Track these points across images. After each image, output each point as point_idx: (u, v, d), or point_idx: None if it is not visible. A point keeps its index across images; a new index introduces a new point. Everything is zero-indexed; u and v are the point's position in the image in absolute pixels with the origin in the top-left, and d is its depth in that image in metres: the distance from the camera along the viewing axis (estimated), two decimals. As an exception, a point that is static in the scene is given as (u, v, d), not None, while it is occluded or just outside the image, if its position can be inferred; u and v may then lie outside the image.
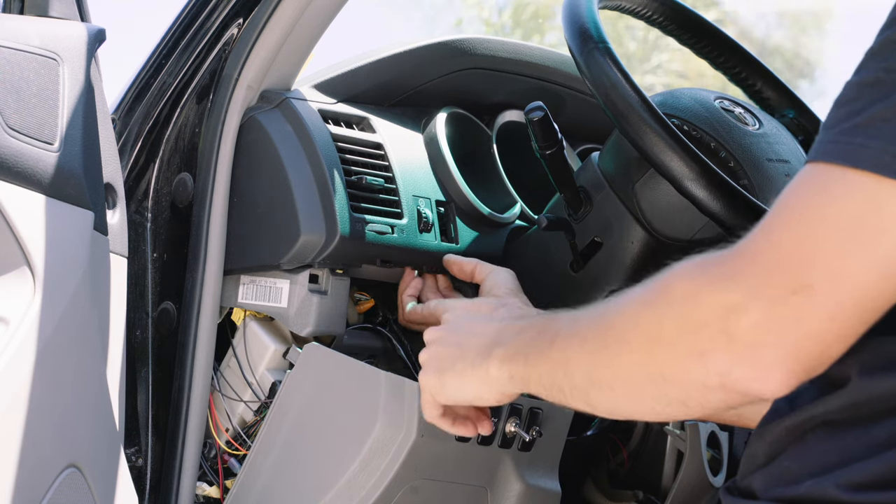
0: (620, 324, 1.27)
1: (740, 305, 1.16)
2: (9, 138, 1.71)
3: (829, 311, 1.15)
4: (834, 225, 1.15)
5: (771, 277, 1.16)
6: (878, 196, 1.14)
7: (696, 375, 1.20)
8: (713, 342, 1.18)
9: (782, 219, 1.18)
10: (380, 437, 1.90)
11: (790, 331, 1.15)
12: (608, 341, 1.29)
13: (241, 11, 2.06)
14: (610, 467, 2.43)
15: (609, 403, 1.31)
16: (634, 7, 2.10)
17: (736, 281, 1.17)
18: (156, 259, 2.06)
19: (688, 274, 1.21)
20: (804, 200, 1.17)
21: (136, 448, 2.03)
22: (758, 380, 1.17)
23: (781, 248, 1.16)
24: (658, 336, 1.22)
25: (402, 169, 2.12)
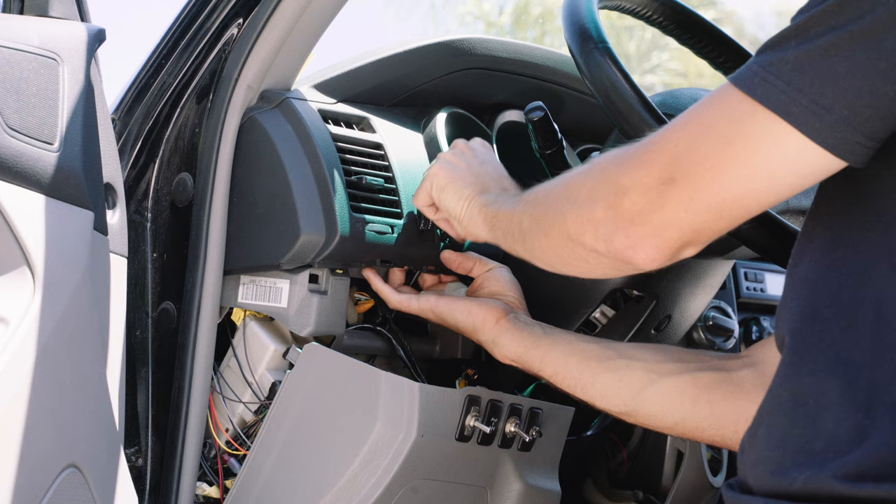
0: (557, 185, 1.57)
1: (626, 187, 1.42)
2: (9, 138, 1.71)
3: (684, 204, 1.38)
4: (701, 131, 1.36)
5: (651, 167, 1.40)
6: (738, 113, 1.34)
7: (590, 239, 1.47)
8: (604, 213, 1.44)
9: (679, 118, 1.40)
10: (380, 437, 1.90)
11: (655, 213, 1.40)
12: (547, 199, 1.59)
13: (241, 11, 2.06)
14: (610, 467, 2.43)
15: (539, 251, 1.62)
16: (634, 7, 2.10)
17: (630, 166, 1.42)
18: (156, 259, 2.06)
19: (612, 153, 1.47)
20: (698, 108, 1.39)
21: (136, 448, 2.03)
22: (631, 248, 1.43)
23: (666, 146, 1.39)
24: (574, 198, 1.50)
25: (402, 169, 2.12)
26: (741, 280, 2.64)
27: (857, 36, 1.27)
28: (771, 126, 1.31)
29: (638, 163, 1.41)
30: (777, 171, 1.32)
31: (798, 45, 1.31)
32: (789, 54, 1.31)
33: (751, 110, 1.32)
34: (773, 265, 2.70)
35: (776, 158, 1.32)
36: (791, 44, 1.31)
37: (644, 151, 1.42)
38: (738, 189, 1.35)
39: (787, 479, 1.30)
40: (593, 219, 1.46)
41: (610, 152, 1.48)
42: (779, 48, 1.32)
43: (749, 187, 1.34)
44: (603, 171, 1.46)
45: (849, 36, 1.28)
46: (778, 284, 2.69)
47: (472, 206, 1.88)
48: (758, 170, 1.33)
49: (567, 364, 1.85)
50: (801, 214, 1.95)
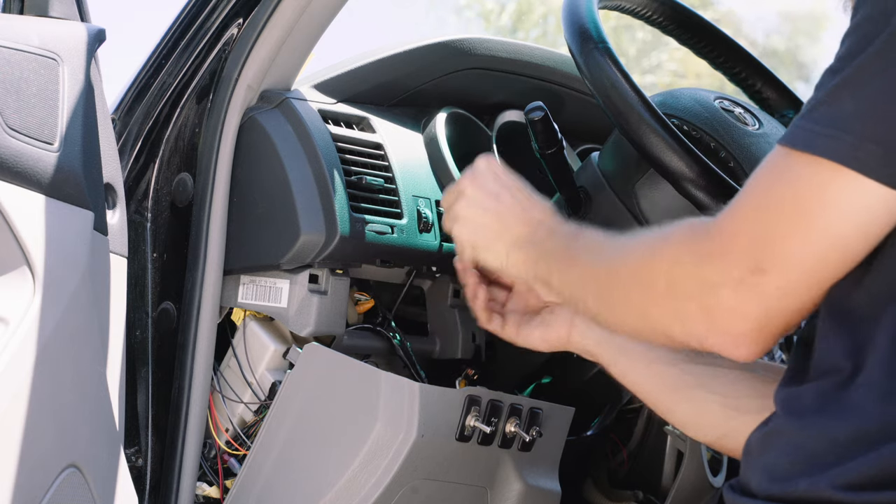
0: (624, 274, 1.44)
1: (714, 284, 1.31)
2: (9, 138, 1.71)
3: (781, 290, 1.29)
4: (779, 208, 1.28)
5: (735, 259, 1.30)
6: (809, 177, 1.26)
7: (679, 335, 1.36)
8: (691, 313, 1.34)
9: (743, 200, 1.31)
10: (380, 437, 1.90)
11: (752, 307, 1.30)
12: (612, 286, 1.46)
13: (241, 11, 2.06)
14: (610, 467, 2.43)
15: (616, 327, 1.50)
16: (634, 7, 2.10)
17: (710, 260, 1.31)
18: (156, 259, 2.06)
19: (678, 240, 1.36)
20: (761, 182, 1.31)
21: (136, 448, 2.03)
22: (729, 347, 1.33)
23: (741, 231, 1.30)
24: (651, 294, 1.38)
25: (401, 169, 2.12)
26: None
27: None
28: (849, 181, 1.24)
29: (718, 254, 1.31)
30: (865, 227, 1.26)
31: (854, 93, 1.25)
32: (848, 105, 1.25)
33: (824, 171, 1.25)
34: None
35: (862, 215, 1.25)
36: (846, 94, 1.25)
37: (719, 241, 1.31)
38: (831, 255, 1.27)
39: (790, 485, 1.29)
40: (681, 317, 1.35)
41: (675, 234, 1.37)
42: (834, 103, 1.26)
43: (841, 250, 1.27)
44: (678, 264, 1.35)
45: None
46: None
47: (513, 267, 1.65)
48: (848, 228, 1.26)
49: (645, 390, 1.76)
50: None
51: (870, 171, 1.23)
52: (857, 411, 1.27)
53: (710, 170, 1.86)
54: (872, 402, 1.27)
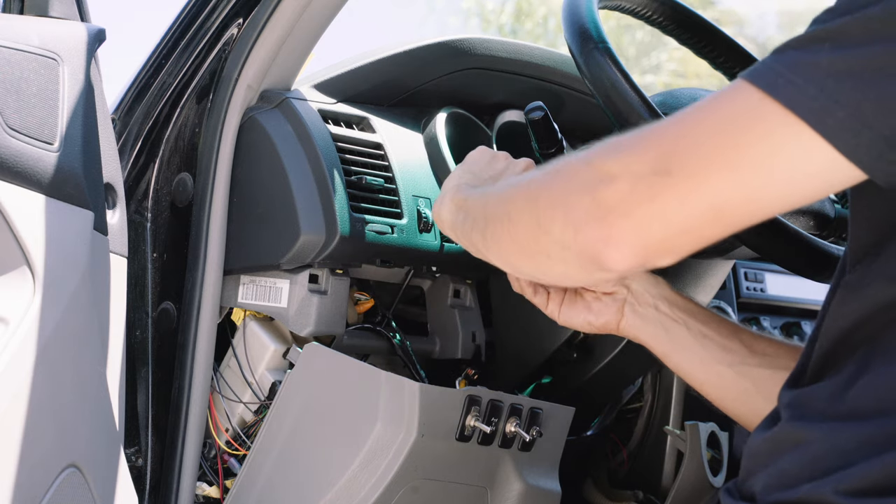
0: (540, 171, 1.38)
1: (613, 174, 1.26)
2: (9, 138, 1.71)
3: (679, 199, 1.23)
4: (713, 127, 1.23)
5: (643, 156, 1.25)
6: (759, 114, 1.21)
7: (559, 226, 1.30)
8: (580, 199, 1.28)
9: (684, 112, 1.26)
10: (380, 437, 1.90)
11: (642, 206, 1.24)
12: (522, 184, 1.40)
13: (241, 11, 2.06)
14: (610, 467, 2.44)
15: (497, 239, 1.43)
16: (634, 7, 2.10)
17: (620, 152, 1.27)
18: (156, 259, 2.06)
19: (604, 141, 1.31)
20: (709, 103, 1.25)
21: (136, 448, 2.03)
22: (603, 241, 1.26)
23: (664, 136, 1.26)
24: (550, 184, 1.33)
25: (402, 169, 2.12)
26: (741, 280, 2.64)
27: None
28: (798, 133, 1.19)
29: (629, 150, 1.27)
30: (798, 179, 1.21)
31: (834, 50, 1.19)
32: (822, 58, 1.19)
33: (774, 112, 1.20)
34: (773, 265, 2.70)
35: (800, 167, 1.20)
36: (824, 47, 1.20)
37: (638, 139, 1.27)
38: (748, 191, 1.22)
39: (793, 491, 1.27)
40: (567, 203, 1.29)
41: (602, 141, 1.33)
42: (807, 49, 1.21)
43: (762, 191, 1.22)
44: (587, 158, 1.30)
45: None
46: (778, 284, 2.69)
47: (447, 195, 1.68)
48: (776, 175, 1.21)
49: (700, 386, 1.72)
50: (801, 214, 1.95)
51: (829, 133, 1.19)
52: (862, 416, 1.26)
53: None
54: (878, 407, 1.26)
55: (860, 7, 1.20)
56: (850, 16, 1.20)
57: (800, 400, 1.32)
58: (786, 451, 1.30)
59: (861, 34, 1.19)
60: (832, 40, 1.20)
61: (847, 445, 1.26)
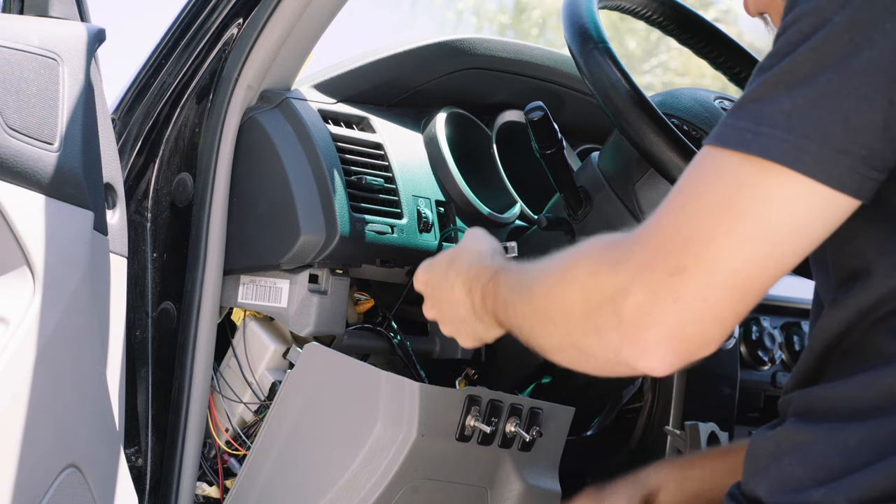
0: (540, 297, 1.37)
1: (627, 287, 1.23)
2: (9, 138, 1.71)
3: (702, 293, 1.21)
4: (704, 207, 1.21)
5: (653, 261, 1.23)
6: (740, 176, 1.21)
7: (598, 349, 1.28)
8: (607, 321, 1.25)
9: (669, 202, 1.25)
10: (380, 437, 1.90)
11: (669, 312, 1.22)
12: (536, 314, 1.38)
13: (241, 11, 2.06)
14: (610, 467, 2.43)
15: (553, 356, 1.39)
16: (634, 7, 2.10)
17: (625, 264, 1.25)
18: (156, 259, 2.06)
19: (590, 254, 1.30)
20: (688, 183, 1.24)
21: (136, 448, 2.03)
22: (643, 358, 1.24)
23: (663, 233, 1.23)
24: (569, 311, 1.31)
25: (402, 169, 2.12)
26: (741, 280, 2.64)
27: (861, 72, 1.19)
28: (782, 179, 1.19)
29: (634, 258, 1.24)
30: (802, 224, 1.20)
31: (790, 90, 1.20)
32: (782, 102, 1.20)
33: (754, 167, 1.20)
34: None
35: (798, 212, 1.20)
36: (780, 91, 1.20)
37: (636, 244, 1.25)
38: (762, 258, 1.21)
39: (803, 495, 1.26)
40: (596, 327, 1.27)
41: (582, 248, 1.32)
42: (765, 100, 1.21)
43: (774, 252, 1.21)
44: (593, 276, 1.28)
45: (851, 72, 1.19)
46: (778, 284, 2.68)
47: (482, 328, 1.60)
48: (781, 230, 1.20)
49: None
50: None
51: (807, 169, 1.19)
52: (864, 416, 1.26)
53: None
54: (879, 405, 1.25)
55: (800, 43, 1.21)
56: (794, 54, 1.21)
57: (801, 402, 1.32)
58: (787, 451, 1.30)
59: (808, 68, 1.20)
60: (785, 82, 1.21)
61: (849, 444, 1.25)
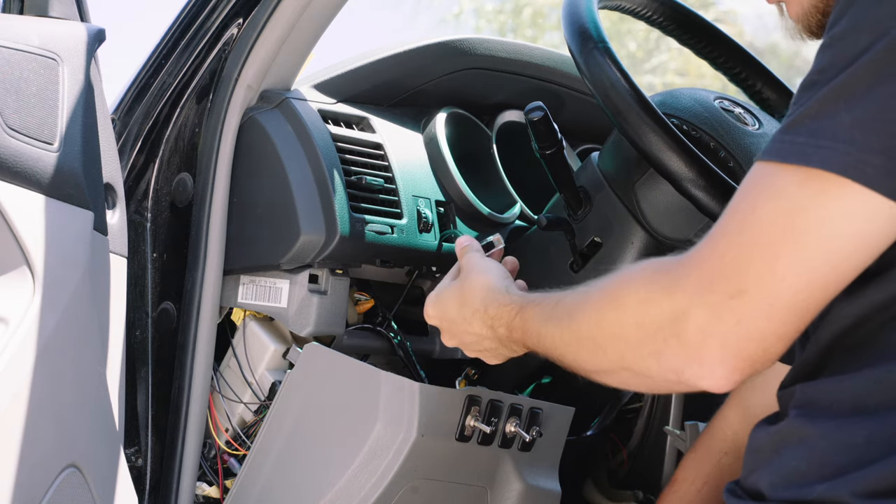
0: (586, 326, 1.37)
1: (686, 311, 1.24)
2: (8, 138, 1.71)
3: (765, 313, 1.21)
4: (763, 228, 1.22)
5: (711, 284, 1.23)
6: (800, 192, 1.20)
7: (657, 371, 1.29)
8: (666, 344, 1.26)
9: (724, 224, 1.24)
10: (380, 437, 1.90)
11: (731, 333, 1.22)
12: (581, 342, 1.39)
13: (241, 11, 2.06)
14: (610, 467, 2.43)
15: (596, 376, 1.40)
16: (634, 7, 2.10)
17: (681, 288, 1.25)
18: (156, 259, 2.06)
19: (639, 279, 1.30)
20: (744, 202, 1.24)
21: (136, 448, 2.03)
22: (707, 377, 1.25)
23: (721, 255, 1.23)
24: (621, 337, 1.31)
25: (401, 169, 2.12)
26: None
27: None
28: (845, 192, 1.18)
29: (692, 282, 1.24)
30: (863, 238, 1.19)
31: (849, 104, 1.18)
32: (841, 117, 1.18)
33: (816, 181, 1.18)
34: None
35: (860, 226, 1.19)
36: (839, 105, 1.19)
37: (695, 270, 1.24)
38: (824, 277, 1.20)
39: (807, 490, 1.26)
40: (655, 353, 1.27)
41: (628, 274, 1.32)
42: (825, 115, 1.20)
43: (836, 270, 1.20)
44: (646, 302, 1.28)
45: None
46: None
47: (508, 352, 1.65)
48: (843, 247, 1.19)
49: None
50: None
51: (871, 181, 1.18)
52: (869, 411, 1.25)
53: (710, 170, 1.86)
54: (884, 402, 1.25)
55: (858, 55, 1.20)
56: (853, 67, 1.20)
57: (802, 395, 1.32)
58: (790, 445, 1.29)
59: (868, 80, 1.19)
60: (844, 97, 1.20)
61: (855, 440, 1.25)
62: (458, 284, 1.68)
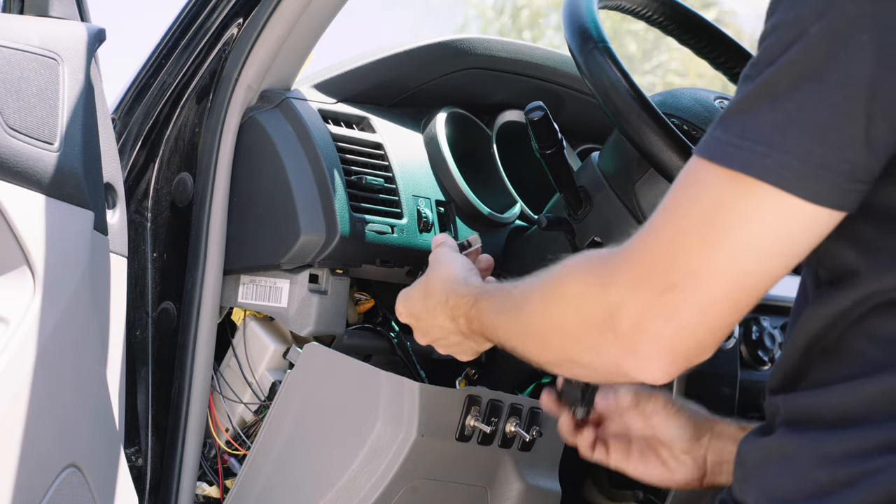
0: (532, 318, 1.40)
1: (619, 306, 1.26)
2: (9, 138, 1.71)
3: (695, 308, 1.24)
4: (688, 225, 1.23)
5: (642, 279, 1.25)
6: (722, 192, 1.21)
7: (599, 364, 1.31)
8: (604, 337, 1.28)
9: (656, 219, 1.26)
10: (380, 437, 1.90)
11: (664, 326, 1.24)
12: (529, 335, 1.42)
13: (241, 11, 2.06)
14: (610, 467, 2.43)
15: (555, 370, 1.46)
16: (634, 7, 2.10)
17: (615, 281, 1.27)
18: (156, 259, 2.06)
19: (578, 272, 1.32)
20: (672, 199, 1.25)
21: (136, 448, 2.03)
22: (644, 370, 1.27)
23: (653, 250, 1.25)
24: (564, 330, 1.34)
25: (402, 169, 2.12)
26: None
27: (839, 86, 1.18)
28: (766, 195, 1.19)
29: (625, 276, 1.26)
30: (788, 237, 1.21)
31: (772, 103, 1.20)
32: (765, 116, 1.20)
33: (737, 183, 1.20)
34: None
35: (784, 227, 1.21)
36: (764, 104, 1.20)
37: (628, 263, 1.27)
38: (751, 273, 1.23)
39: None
40: (595, 346, 1.30)
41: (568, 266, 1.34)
42: (751, 112, 1.21)
43: (763, 266, 1.22)
44: (583, 295, 1.30)
45: (830, 87, 1.18)
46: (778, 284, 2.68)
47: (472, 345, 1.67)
48: (769, 245, 1.21)
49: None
50: None
51: (788, 185, 1.19)
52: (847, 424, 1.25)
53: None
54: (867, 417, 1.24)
55: (779, 54, 1.21)
56: (773, 66, 1.21)
57: (786, 410, 1.31)
58: (773, 461, 1.30)
59: (788, 81, 1.20)
60: (768, 95, 1.21)
61: (833, 454, 1.25)
62: (424, 278, 1.70)
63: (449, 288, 1.64)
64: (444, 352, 1.72)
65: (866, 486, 1.22)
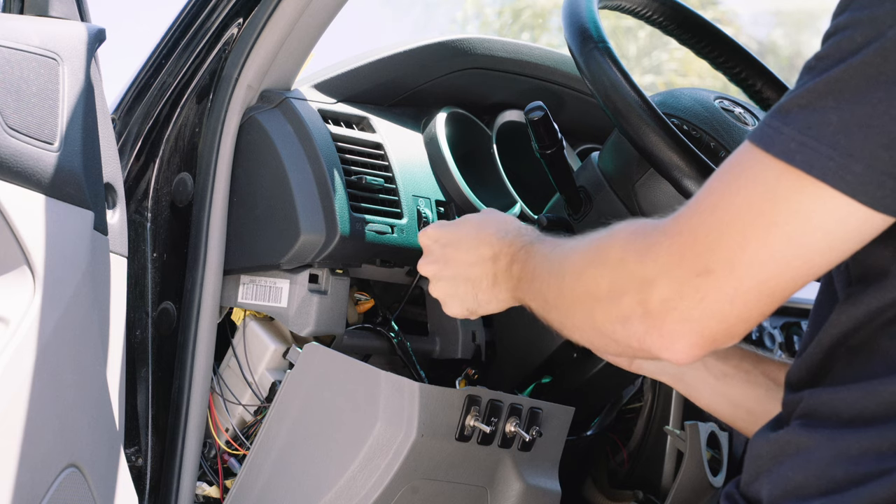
0: (570, 277, 1.39)
1: (654, 279, 1.25)
2: (9, 138, 1.71)
3: (729, 295, 1.22)
4: (736, 212, 1.22)
5: (681, 258, 1.24)
6: (779, 185, 1.20)
7: (621, 336, 1.30)
8: (632, 310, 1.28)
9: (701, 199, 1.25)
10: (380, 437, 1.90)
11: (694, 309, 1.24)
12: (562, 290, 1.41)
13: (241, 11, 2.06)
14: (610, 467, 2.43)
15: (575, 336, 1.43)
16: (634, 7, 2.10)
17: (653, 256, 1.26)
18: (156, 259, 2.06)
19: (622, 240, 1.31)
20: (722, 183, 1.24)
21: (136, 448, 2.03)
22: (667, 349, 1.27)
23: (693, 232, 1.24)
24: (595, 294, 1.33)
25: (402, 169, 2.12)
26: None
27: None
28: (824, 196, 1.18)
29: (663, 252, 1.25)
30: (836, 238, 1.20)
31: (839, 103, 1.18)
32: (830, 115, 1.18)
33: (796, 180, 1.18)
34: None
35: (834, 228, 1.19)
36: (829, 102, 1.18)
37: (668, 240, 1.26)
38: (792, 269, 1.21)
39: (801, 500, 1.25)
40: (622, 317, 1.29)
41: (619, 234, 1.33)
42: (814, 108, 1.19)
43: (805, 263, 1.21)
44: (621, 263, 1.30)
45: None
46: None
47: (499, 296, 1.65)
48: (814, 244, 1.20)
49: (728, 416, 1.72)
50: None
51: (850, 189, 1.18)
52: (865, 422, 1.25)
53: (710, 169, 1.86)
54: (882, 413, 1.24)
55: (852, 52, 1.19)
56: (846, 63, 1.19)
57: (807, 404, 1.31)
58: (789, 455, 1.29)
59: (860, 82, 1.18)
60: (834, 94, 1.19)
61: (849, 452, 1.24)
62: (477, 216, 1.70)
63: (510, 227, 1.63)
64: (440, 292, 1.71)
65: (881, 484, 1.22)
